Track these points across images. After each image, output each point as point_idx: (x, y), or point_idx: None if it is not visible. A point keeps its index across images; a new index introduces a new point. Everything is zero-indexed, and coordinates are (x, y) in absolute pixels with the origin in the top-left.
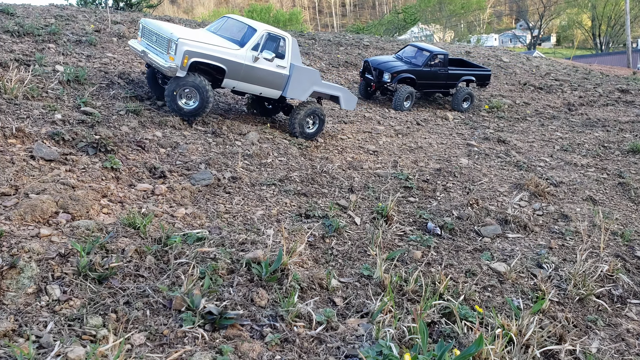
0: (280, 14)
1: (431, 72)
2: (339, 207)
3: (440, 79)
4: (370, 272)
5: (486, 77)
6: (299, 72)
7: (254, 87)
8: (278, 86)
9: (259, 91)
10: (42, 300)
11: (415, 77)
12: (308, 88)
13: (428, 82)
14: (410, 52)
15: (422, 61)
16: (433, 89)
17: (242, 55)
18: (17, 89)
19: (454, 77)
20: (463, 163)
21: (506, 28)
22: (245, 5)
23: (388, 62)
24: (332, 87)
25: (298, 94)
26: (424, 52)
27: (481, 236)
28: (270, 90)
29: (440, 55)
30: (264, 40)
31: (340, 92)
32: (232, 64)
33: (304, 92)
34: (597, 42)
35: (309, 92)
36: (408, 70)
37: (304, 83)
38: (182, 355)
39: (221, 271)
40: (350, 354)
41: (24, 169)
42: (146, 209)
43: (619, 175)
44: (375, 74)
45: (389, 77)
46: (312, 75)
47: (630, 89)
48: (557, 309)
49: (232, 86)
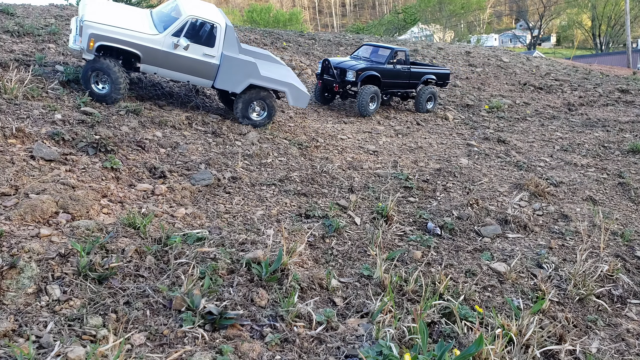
0: (280, 14)
1: (395, 71)
2: (339, 207)
3: (404, 77)
4: (370, 272)
5: (446, 77)
6: (230, 63)
7: (178, 74)
8: (207, 76)
9: (186, 79)
10: (42, 300)
11: (380, 75)
12: (243, 80)
13: (392, 82)
14: (367, 52)
15: (384, 59)
16: (397, 89)
17: (159, 40)
18: (17, 89)
19: (416, 76)
20: (463, 163)
21: (506, 28)
22: (246, 5)
23: (349, 61)
24: (275, 81)
25: (230, 85)
26: (382, 50)
27: (481, 236)
28: (199, 80)
29: (401, 53)
30: (188, 26)
31: (287, 88)
32: (147, 49)
33: (238, 84)
34: (597, 42)
35: (244, 84)
36: (372, 68)
37: (237, 74)
38: (182, 355)
39: (221, 271)
40: (350, 354)
41: (24, 169)
42: (146, 209)
43: (619, 175)
44: (337, 73)
45: (353, 76)
46: (247, 67)
47: (630, 89)
48: (557, 309)
49: (152, 72)
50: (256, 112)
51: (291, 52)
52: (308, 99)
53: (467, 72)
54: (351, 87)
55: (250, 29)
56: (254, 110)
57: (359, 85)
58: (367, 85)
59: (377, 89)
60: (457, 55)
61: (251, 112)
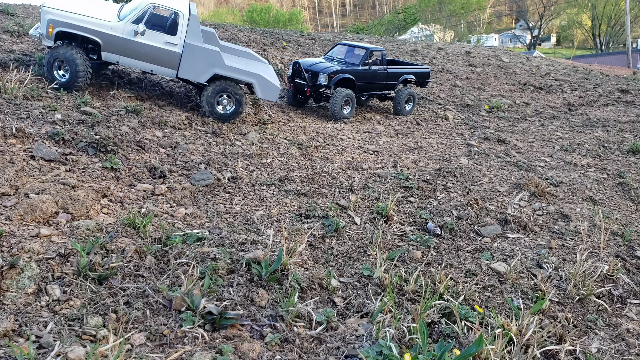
0: (280, 14)
1: (370, 72)
2: (339, 207)
3: (380, 79)
4: (370, 272)
5: (426, 76)
6: (192, 51)
7: (140, 63)
8: (169, 65)
9: (149, 69)
10: (42, 300)
11: (354, 78)
12: (206, 69)
13: (368, 84)
14: (341, 52)
15: (358, 60)
16: (373, 91)
17: (120, 28)
18: (17, 89)
19: (393, 76)
20: (463, 163)
21: (506, 28)
22: (246, 5)
23: (321, 63)
24: (241, 72)
25: (194, 75)
26: (357, 50)
27: (481, 236)
28: (162, 69)
29: (377, 53)
30: (149, 13)
31: (254, 79)
32: (106, 36)
33: (202, 74)
34: (597, 42)
35: (208, 74)
36: (346, 71)
37: (199, 63)
38: (182, 355)
39: (221, 271)
40: (350, 354)
41: (24, 169)
42: (146, 209)
43: (619, 175)
44: (309, 76)
45: (325, 80)
46: (210, 56)
47: (630, 89)
48: (557, 309)
49: (114, 60)
50: (222, 106)
51: (291, 52)
52: (278, 91)
53: (467, 72)
54: (325, 90)
55: (250, 29)
56: (221, 104)
57: (332, 89)
58: (340, 88)
59: (351, 93)
60: (457, 55)
61: (218, 105)
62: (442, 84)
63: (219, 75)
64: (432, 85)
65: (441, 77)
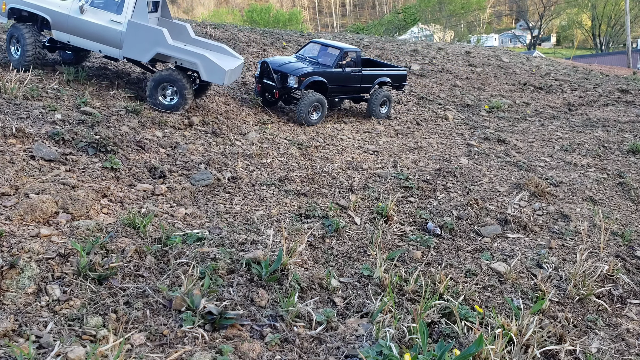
0: (280, 14)
1: (344, 74)
2: (339, 207)
3: (354, 81)
4: (370, 272)
5: (402, 78)
6: (136, 29)
7: (89, 42)
8: (114, 44)
9: (97, 48)
10: (42, 300)
11: (326, 80)
12: (149, 48)
13: (341, 87)
14: (314, 51)
15: (331, 61)
16: (346, 94)
17: (67, 5)
18: (17, 89)
19: (368, 79)
20: (463, 163)
21: (506, 28)
22: (246, 5)
23: (291, 63)
24: (184, 51)
25: (137, 54)
26: (331, 50)
27: (481, 236)
28: (109, 48)
29: (352, 53)
30: None
31: (198, 59)
32: (54, 14)
33: (145, 53)
34: (597, 42)
35: (151, 53)
36: (318, 73)
37: (142, 42)
38: (182, 355)
39: (221, 271)
40: (350, 354)
41: (24, 169)
42: (146, 209)
43: (619, 175)
44: (278, 77)
45: (295, 82)
46: (153, 35)
47: (630, 89)
48: (557, 309)
49: (65, 40)
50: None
51: (291, 51)
52: (224, 74)
53: (467, 72)
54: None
55: (250, 29)
56: (165, 94)
57: (302, 91)
58: (310, 92)
59: (322, 97)
60: (457, 55)
61: (161, 95)
62: (442, 84)
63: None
64: (432, 85)
65: (441, 77)
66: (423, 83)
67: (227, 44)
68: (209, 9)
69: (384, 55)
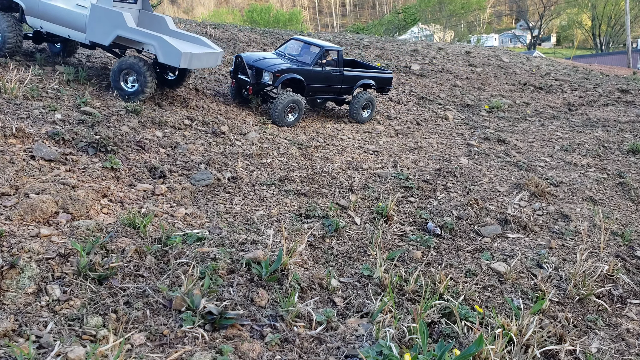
0: (280, 14)
1: (323, 73)
2: (339, 207)
3: (334, 82)
4: (370, 272)
5: (387, 81)
6: (97, 12)
7: (59, 28)
8: (80, 28)
9: (67, 33)
10: (42, 300)
11: (303, 79)
12: (110, 31)
13: (320, 86)
14: (294, 48)
15: (311, 59)
16: (325, 94)
17: None
18: (17, 89)
19: (350, 80)
20: (463, 163)
21: (506, 28)
22: (246, 5)
23: (268, 59)
24: (143, 34)
25: (99, 37)
26: (312, 48)
27: (481, 236)
28: (76, 33)
29: (333, 52)
30: None
31: (155, 41)
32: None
33: (106, 36)
34: (597, 42)
35: (112, 36)
36: (294, 70)
37: (103, 25)
38: (182, 355)
39: (221, 271)
40: (350, 354)
41: (24, 169)
42: (146, 209)
43: (619, 175)
44: (252, 73)
45: (270, 79)
46: (113, 17)
47: (630, 89)
48: (557, 309)
49: (38, 25)
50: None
51: None
52: (180, 56)
53: (467, 72)
54: (272, 89)
55: (250, 29)
56: (127, 80)
57: (278, 89)
58: (287, 91)
59: (298, 98)
60: (457, 55)
61: (123, 81)
62: (442, 84)
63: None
64: (432, 85)
65: (441, 77)
66: (423, 83)
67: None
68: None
69: (384, 55)
